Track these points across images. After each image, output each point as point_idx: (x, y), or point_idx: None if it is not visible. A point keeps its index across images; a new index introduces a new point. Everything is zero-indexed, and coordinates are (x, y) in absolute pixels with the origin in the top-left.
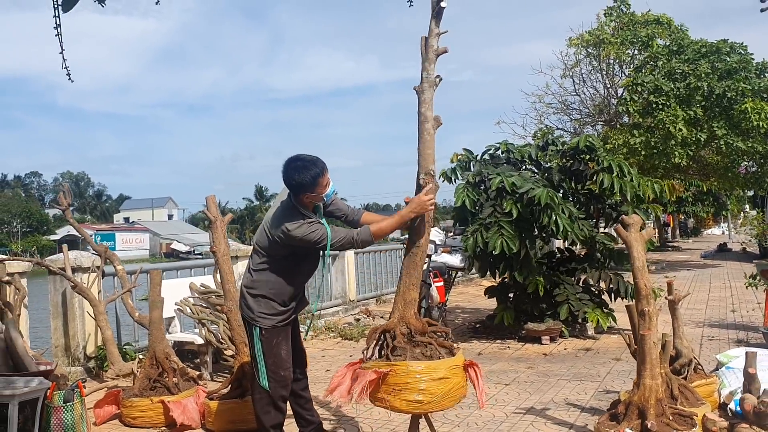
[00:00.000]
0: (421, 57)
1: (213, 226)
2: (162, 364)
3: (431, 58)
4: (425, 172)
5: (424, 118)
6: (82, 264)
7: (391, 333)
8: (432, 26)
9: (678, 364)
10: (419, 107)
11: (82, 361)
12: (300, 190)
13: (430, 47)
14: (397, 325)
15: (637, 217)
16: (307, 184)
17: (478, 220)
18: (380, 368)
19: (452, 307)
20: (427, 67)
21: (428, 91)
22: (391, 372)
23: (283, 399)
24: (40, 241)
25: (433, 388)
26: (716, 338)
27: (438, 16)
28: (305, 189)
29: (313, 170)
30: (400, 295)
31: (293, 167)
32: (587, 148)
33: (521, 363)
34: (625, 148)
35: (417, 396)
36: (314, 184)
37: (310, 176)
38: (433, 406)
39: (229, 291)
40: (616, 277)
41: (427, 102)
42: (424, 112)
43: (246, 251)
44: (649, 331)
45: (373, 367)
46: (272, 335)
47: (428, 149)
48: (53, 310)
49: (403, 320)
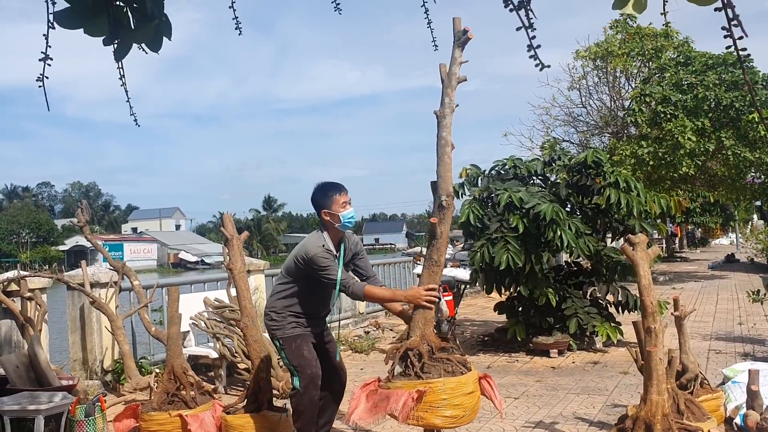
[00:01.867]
0: (442, 84)
1: (230, 243)
2: (180, 379)
3: (453, 85)
4: (446, 194)
5: (445, 142)
6: (100, 279)
7: (415, 351)
8: (456, 55)
9: (684, 379)
10: (440, 131)
11: (100, 375)
12: (319, 206)
13: (453, 75)
14: (420, 343)
15: (643, 236)
16: (325, 199)
17: (485, 235)
18: (417, 387)
19: (461, 319)
20: (449, 93)
21: (449, 116)
22: (429, 390)
23: (315, 398)
24: (48, 251)
25: (465, 402)
26: (723, 352)
27: (462, 46)
28: (323, 204)
29: (332, 188)
30: (420, 314)
31: (316, 188)
32: (594, 163)
33: (530, 376)
34: (633, 158)
35: (453, 411)
36: (331, 199)
37: (328, 192)
38: (467, 419)
39: (245, 307)
40: (624, 291)
41: (447, 127)
42: (445, 136)
43: (257, 265)
44: (656, 348)
45: (406, 386)
46: (290, 340)
47: (448, 172)
48: (71, 325)
49: (425, 338)
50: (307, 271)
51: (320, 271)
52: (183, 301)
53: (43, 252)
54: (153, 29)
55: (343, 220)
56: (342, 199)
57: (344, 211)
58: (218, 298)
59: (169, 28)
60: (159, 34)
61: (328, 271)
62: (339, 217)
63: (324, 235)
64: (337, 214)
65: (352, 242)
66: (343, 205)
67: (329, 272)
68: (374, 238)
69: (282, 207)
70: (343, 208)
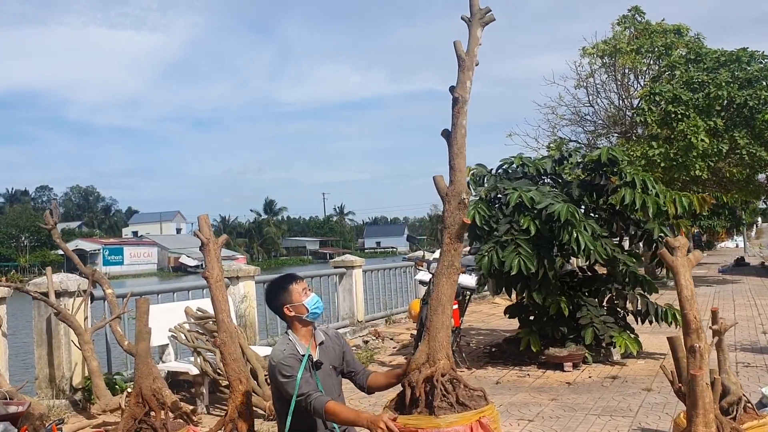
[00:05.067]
0: (459, 64)
1: (206, 248)
2: (149, 402)
3: (472, 67)
4: (465, 191)
5: (465, 131)
6: (68, 288)
7: (437, 380)
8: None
9: (726, 403)
10: (458, 119)
11: (68, 393)
12: (279, 305)
13: (473, 55)
14: (441, 371)
15: (683, 239)
16: (281, 294)
17: (493, 237)
18: (476, 418)
19: (465, 328)
20: (469, 75)
21: (467, 101)
22: (490, 419)
23: None
24: (48, 255)
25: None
26: (752, 365)
27: (484, 25)
28: (282, 300)
29: (284, 281)
30: (438, 342)
31: (267, 290)
32: (609, 161)
33: (544, 393)
34: (644, 160)
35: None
36: (287, 292)
37: (282, 286)
38: None
39: (223, 321)
40: (644, 299)
41: (465, 113)
42: (465, 124)
43: (247, 271)
44: (701, 371)
45: (462, 420)
46: None
47: (464, 166)
48: (37, 338)
49: (445, 367)
50: (276, 384)
51: (281, 377)
52: (162, 311)
53: (42, 256)
54: None
55: (309, 308)
56: (299, 287)
57: (307, 299)
58: (201, 307)
59: None
60: None
61: (287, 375)
62: (304, 306)
63: (291, 338)
64: (300, 304)
65: (332, 335)
66: (303, 292)
67: (289, 385)
68: (375, 242)
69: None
70: (305, 295)
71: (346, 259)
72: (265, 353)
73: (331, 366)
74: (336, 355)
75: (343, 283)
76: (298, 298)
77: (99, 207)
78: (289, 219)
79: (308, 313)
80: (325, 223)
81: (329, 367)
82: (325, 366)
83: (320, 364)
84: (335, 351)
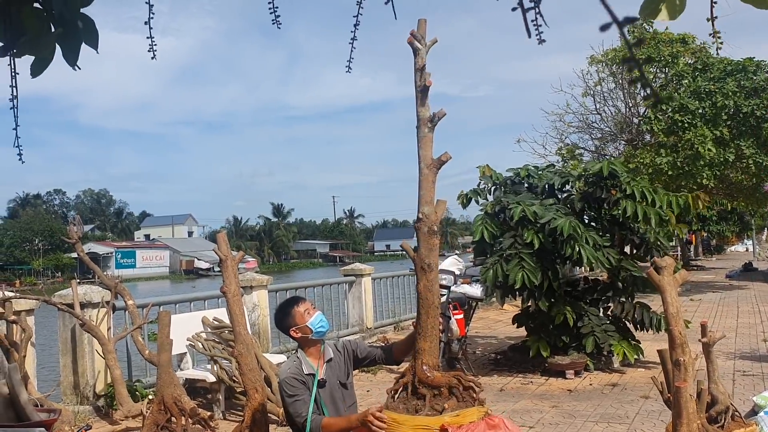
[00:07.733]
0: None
1: (223, 264)
2: (170, 410)
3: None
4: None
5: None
6: (92, 299)
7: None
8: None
9: (714, 412)
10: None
11: (92, 400)
12: (286, 327)
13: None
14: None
15: (670, 259)
16: (286, 318)
17: (497, 251)
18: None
19: (471, 335)
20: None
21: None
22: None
23: None
24: (61, 259)
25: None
26: (750, 373)
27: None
28: (288, 323)
29: (287, 305)
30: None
31: (275, 315)
32: (610, 174)
33: (545, 401)
34: (651, 168)
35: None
36: (291, 315)
37: (285, 310)
38: None
39: (240, 333)
40: (640, 309)
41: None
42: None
43: (260, 281)
44: (685, 383)
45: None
46: None
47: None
48: (62, 347)
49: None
50: (281, 399)
51: (286, 396)
52: (180, 321)
53: (55, 259)
54: (55, 38)
55: (314, 328)
56: (302, 308)
57: (311, 319)
58: (217, 317)
59: (92, 35)
60: (75, 43)
61: (293, 395)
62: (308, 327)
63: (300, 356)
64: (304, 325)
65: (340, 348)
66: (306, 312)
67: (290, 405)
68: (385, 245)
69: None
70: (308, 316)
71: (355, 268)
72: (278, 360)
73: (338, 382)
74: (343, 370)
75: (352, 290)
76: (302, 320)
77: (111, 210)
78: (299, 222)
79: (313, 333)
80: (336, 226)
81: (336, 383)
82: (331, 382)
83: (324, 383)
84: (341, 367)
